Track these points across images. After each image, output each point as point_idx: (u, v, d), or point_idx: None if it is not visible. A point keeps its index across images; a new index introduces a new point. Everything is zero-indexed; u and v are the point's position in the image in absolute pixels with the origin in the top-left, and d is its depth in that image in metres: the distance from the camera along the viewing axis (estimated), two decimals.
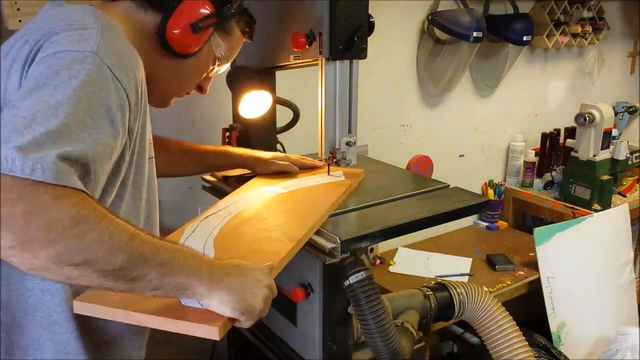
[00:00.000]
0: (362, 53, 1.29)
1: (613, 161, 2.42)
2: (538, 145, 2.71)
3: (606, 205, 2.38)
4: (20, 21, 1.42)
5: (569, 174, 2.45)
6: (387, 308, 1.27)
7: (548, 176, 2.63)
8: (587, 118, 2.31)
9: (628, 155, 2.45)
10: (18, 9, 1.42)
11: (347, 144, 1.35)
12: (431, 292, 1.46)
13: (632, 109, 3.13)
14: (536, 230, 2.12)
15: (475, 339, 2.11)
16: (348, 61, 1.29)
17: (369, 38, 1.29)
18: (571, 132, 2.52)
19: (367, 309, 1.19)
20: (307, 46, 1.27)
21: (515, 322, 1.43)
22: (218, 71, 1.17)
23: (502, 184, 2.67)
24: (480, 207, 1.38)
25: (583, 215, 2.28)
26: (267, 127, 1.63)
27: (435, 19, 2.19)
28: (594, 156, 2.35)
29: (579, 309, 2.15)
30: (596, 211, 2.32)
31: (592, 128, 2.33)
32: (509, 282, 2.09)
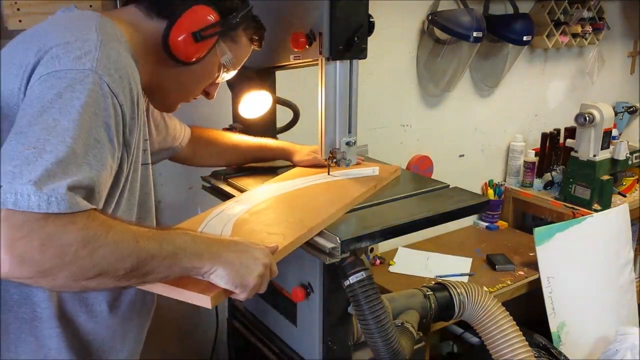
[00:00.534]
0: (362, 53, 1.28)
1: (613, 161, 2.42)
2: (538, 145, 2.71)
3: (606, 205, 2.38)
4: (20, 21, 1.42)
5: (569, 174, 2.45)
6: (387, 308, 1.27)
7: (548, 176, 2.63)
8: (587, 118, 2.31)
9: (628, 155, 2.45)
10: (18, 9, 1.42)
11: (347, 144, 1.35)
12: (431, 292, 1.46)
13: (632, 109, 3.13)
14: (536, 230, 2.12)
15: (475, 339, 2.11)
16: (348, 61, 1.29)
17: (369, 38, 1.29)
18: (571, 132, 2.52)
19: (367, 309, 1.19)
20: (307, 46, 1.26)
21: (515, 322, 1.43)
22: (225, 78, 1.17)
23: (502, 184, 2.67)
24: (480, 207, 1.38)
25: (583, 215, 2.28)
26: (267, 127, 1.63)
27: (435, 19, 2.19)
28: (594, 156, 2.35)
29: (579, 309, 2.14)
30: (596, 211, 2.32)
31: (592, 128, 2.33)
32: (509, 282, 2.09)
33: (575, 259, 2.16)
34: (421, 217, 1.26)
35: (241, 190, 1.43)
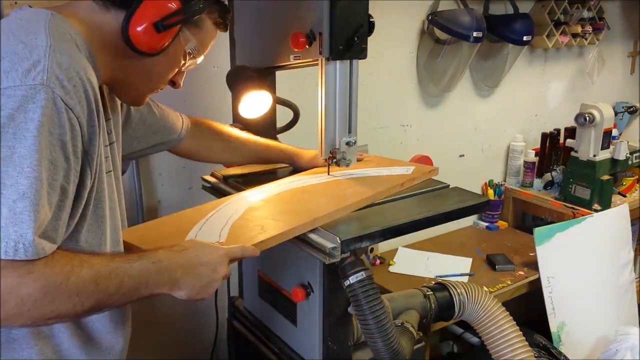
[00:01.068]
0: (362, 53, 1.28)
1: (613, 161, 2.42)
2: (538, 145, 2.71)
3: (606, 205, 2.38)
4: None
5: (569, 174, 2.45)
6: (387, 308, 1.27)
7: (548, 176, 2.63)
8: (587, 118, 2.31)
9: (628, 155, 2.45)
10: None
11: (347, 144, 1.35)
12: (431, 292, 1.46)
13: (632, 109, 3.13)
14: (536, 230, 2.12)
15: (475, 339, 2.11)
16: (348, 61, 1.29)
17: (369, 38, 1.29)
18: (571, 132, 2.52)
19: (367, 309, 1.19)
20: (307, 46, 1.26)
21: (515, 322, 1.43)
22: (191, 65, 1.11)
23: (502, 184, 2.67)
24: (480, 207, 1.38)
25: (583, 215, 2.28)
26: (267, 127, 1.63)
27: (435, 19, 2.19)
28: (594, 156, 2.35)
29: (579, 309, 2.14)
30: (596, 211, 2.32)
31: (592, 128, 2.33)
32: (509, 282, 2.09)
33: (575, 259, 2.16)
34: (421, 217, 1.26)
35: (241, 190, 1.43)
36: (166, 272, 0.91)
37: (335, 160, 1.37)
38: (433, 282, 1.53)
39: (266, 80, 1.54)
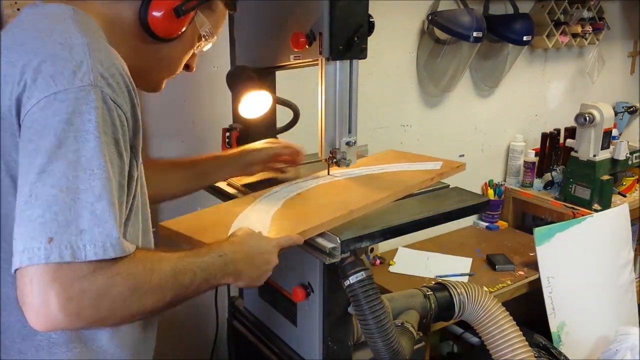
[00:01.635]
0: (362, 53, 1.28)
1: (613, 161, 2.42)
2: (538, 145, 2.71)
3: (606, 205, 2.38)
4: None
5: (569, 174, 2.44)
6: (387, 308, 1.27)
7: (548, 176, 2.63)
8: (587, 118, 2.31)
9: (628, 155, 2.45)
10: (18, 9, 1.42)
11: (347, 144, 1.35)
12: (431, 292, 1.46)
13: (632, 109, 3.13)
14: (536, 230, 2.12)
15: (475, 339, 2.11)
16: (348, 61, 1.29)
17: (369, 38, 1.29)
18: (571, 132, 2.52)
19: (367, 309, 1.19)
20: (307, 46, 1.26)
21: (515, 322, 1.43)
22: (204, 48, 1.12)
23: (502, 184, 2.67)
24: (480, 207, 1.38)
25: (583, 215, 2.28)
26: (267, 127, 1.63)
27: (435, 19, 2.19)
28: (594, 156, 2.35)
29: (579, 309, 2.14)
30: (596, 211, 2.32)
31: (592, 128, 2.33)
32: (509, 282, 2.08)
33: (575, 259, 2.16)
34: (421, 217, 1.26)
35: (241, 190, 1.43)
36: (231, 264, 0.96)
37: (335, 160, 1.37)
38: (433, 282, 1.53)
39: (266, 80, 1.54)
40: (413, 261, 2.23)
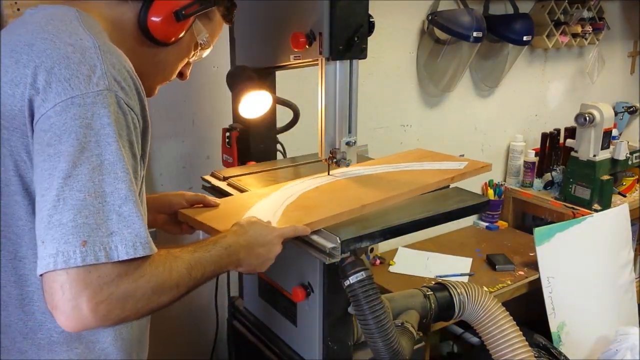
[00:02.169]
0: (362, 53, 1.28)
1: (613, 161, 2.42)
2: (538, 145, 2.71)
3: (606, 205, 2.38)
4: None
5: (569, 174, 2.45)
6: (387, 308, 1.27)
7: (548, 176, 2.63)
8: (587, 118, 2.31)
9: (628, 155, 2.45)
10: (18, 9, 1.42)
11: (347, 144, 1.35)
12: (431, 292, 1.46)
13: (632, 109, 3.13)
14: (536, 230, 2.12)
15: (475, 339, 2.11)
16: (348, 61, 1.29)
17: (369, 38, 1.29)
18: (571, 132, 2.52)
19: (367, 309, 1.19)
20: (307, 46, 1.26)
21: (515, 322, 1.43)
22: (199, 57, 1.13)
23: (502, 184, 2.67)
24: (480, 207, 1.38)
25: (583, 215, 2.28)
26: (267, 127, 1.63)
27: (435, 19, 2.19)
28: (594, 156, 2.35)
29: (579, 309, 2.14)
30: (596, 211, 2.32)
31: (592, 128, 2.33)
32: (509, 282, 2.08)
33: (575, 259, 2.16)
34: (421, 217, 1.26)
35: (241, 190, 1.43)
36: (234, 255, 1.01)
37: (335, 160, 1.37)
38: (433, 282, 1.53)
39: (266, 80, 1.54)
40: (413, 261, 2.23)
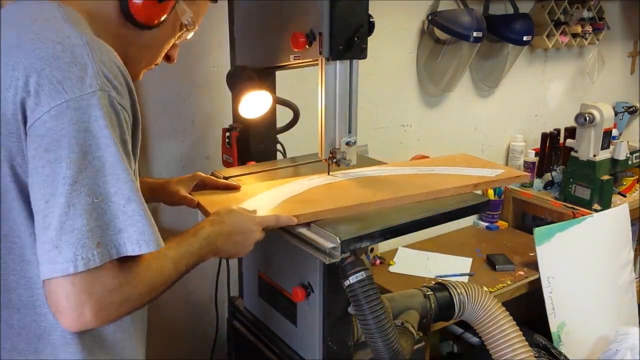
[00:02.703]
0: (362, 53, 1.28)
1: (613, 161, 2.42)
2: (538, 145, 2.70)
3: (606, 205, 2.38)
4: None
5: (569, 174, 2.45)
6: (387, 308, 1.27)
7: (548, 176, 2.63)
8: (587, 118, 2.31)
9: (628, 155, 2.45)
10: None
11: (347, 144, 1.35)
12: (431, 292, 1.46)
13: (632, 109, 3.13)
14: (536, 230, 2.12)
15: (475, 339, 2.11)
16: (348, 61, 1.29)
17: (369, 38, 1.29)
18: (571, 132, 2.52)
19: (367, 309, 1.19)
20: (307, 46, 1.26)
21: (515, 322, 1.43)
22: (185, 38, 1.11)
23: None
24: (480, 207, 1.38)
25: (583, 215, 2.28)
26: (267, 127, 1.63)
27: (435, 19, 2.19)
28: (594, 156, 2.35)
29: (579, 309, 2.14)
30: (596, 211, 2.32)
31: (592, 128, 2.33)
32: (509, 282, 2.08)
33: (575, 259, 2.16)
34: (421, 217, 1.26)
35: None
36: (212, 244, 1.05)
37: (335, 160, 1.37)
38: (433, 282, 1.53)
39: (266, 80, 1.54)
40: (413, 261, 2.23)
